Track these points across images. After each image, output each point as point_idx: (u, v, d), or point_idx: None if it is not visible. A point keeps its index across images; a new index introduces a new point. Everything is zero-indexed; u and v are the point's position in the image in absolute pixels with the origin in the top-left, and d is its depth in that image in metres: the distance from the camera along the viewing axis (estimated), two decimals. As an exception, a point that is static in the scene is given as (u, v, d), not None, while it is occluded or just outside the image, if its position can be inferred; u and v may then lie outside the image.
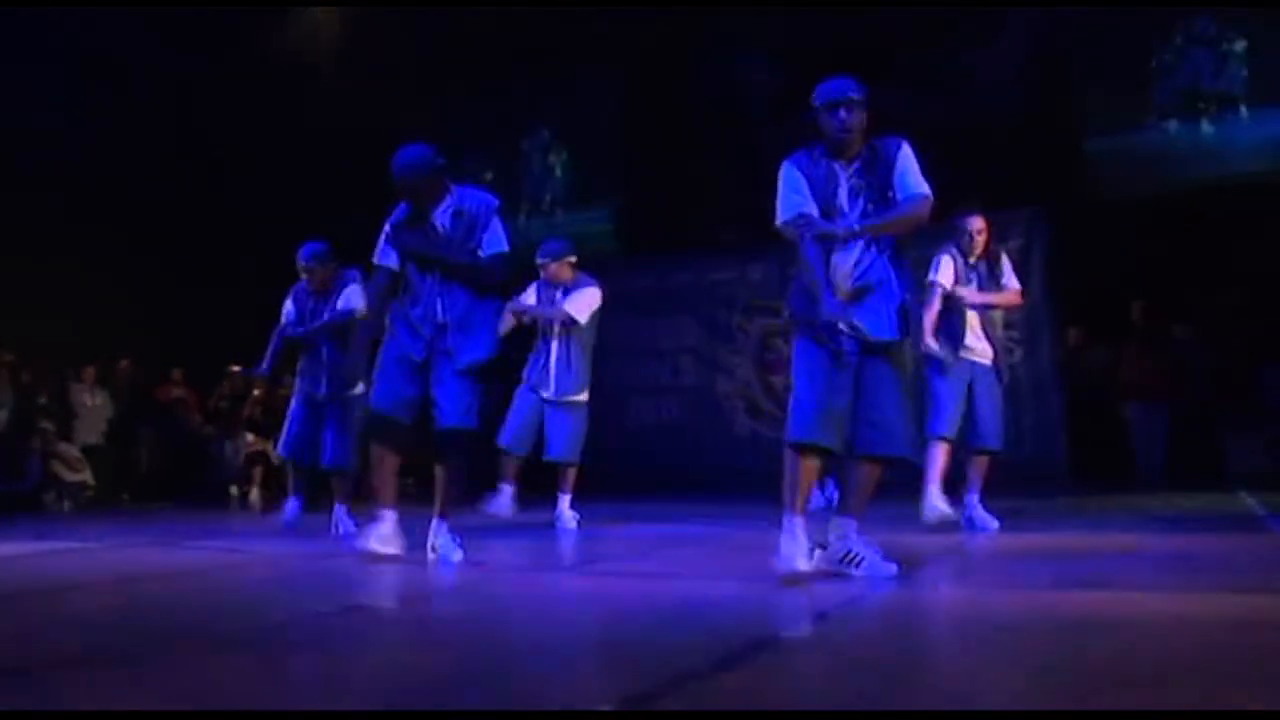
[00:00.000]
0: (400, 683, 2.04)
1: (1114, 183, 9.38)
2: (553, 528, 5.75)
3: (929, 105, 9.37)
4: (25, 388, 9.89)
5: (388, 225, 4.12)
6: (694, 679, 1.96)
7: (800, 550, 3.20)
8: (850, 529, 3.34)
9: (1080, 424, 8.87)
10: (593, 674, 2.16)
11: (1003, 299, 5.14)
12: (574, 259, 6.03)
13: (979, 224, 5.06)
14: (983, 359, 5.09)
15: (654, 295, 10.69)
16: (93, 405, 10.31)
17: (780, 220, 3.36)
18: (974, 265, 5.10)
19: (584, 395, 5.97)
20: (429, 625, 2.99)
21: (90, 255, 10.14)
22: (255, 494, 10.03)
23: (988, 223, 5.12)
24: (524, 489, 5.98)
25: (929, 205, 3.28)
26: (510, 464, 5.90)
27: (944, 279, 5.03)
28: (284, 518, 5.80)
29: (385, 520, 4.11)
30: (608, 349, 6.82)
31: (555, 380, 5.87)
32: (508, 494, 5.85)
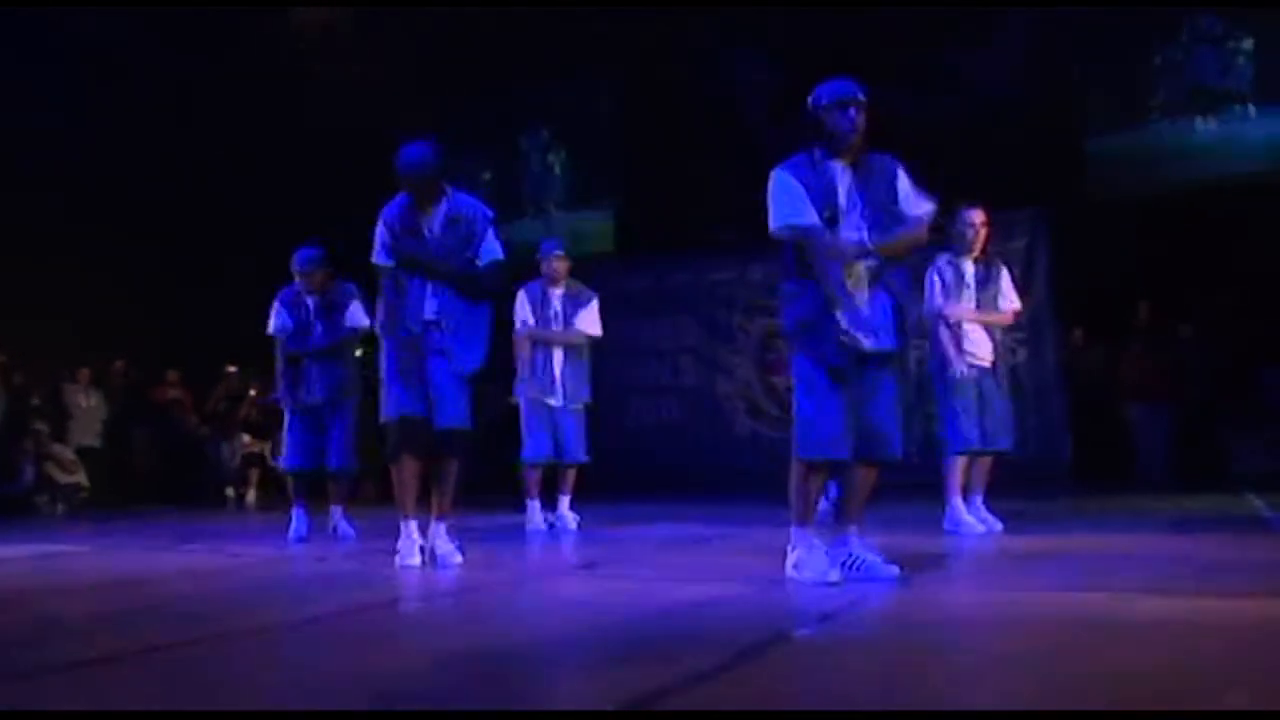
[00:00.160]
0: (401, 683, 2.03)
1: (1114, 183, 9.37)
2: (553, 529, 5.76)
3: (929, 105, 9.37)
4: (18, 389, 9.87)
5: (382, 223, 4.12)
6: (697, 680, 1.96)
7: (824, 560, 3.21)
8: (851, 532, 3.35)
9: (1082, 424, 8.86)
10: (596, 675, 2.16)
11: (998, 319, 5.13)
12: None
13: (979, 217, 5.05)
14: (983, 361, 5.08)
15: (654, 295, 10.70)
16: (87, 406, 10.29)
17: (780, 224, 3.27)
18: (973, 263, 5.09)
19: (589, 396, 6.06)
20: (430, 626, 2.98)
21: (89, 255, 10.14)
22: (252, 496, 10.02)
23: (988, 217, 5.11)
24: (513, 490, 5.99)
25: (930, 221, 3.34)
26: (536, 477, 5.93)
27: (943, 303, 5.02)
28: (295, 535, 5.43)
29: (410, 530, 4.08)
30: (608, 349, 6.82)
31: (567, 388, 5.90)
32: (537, 508, 5.88)
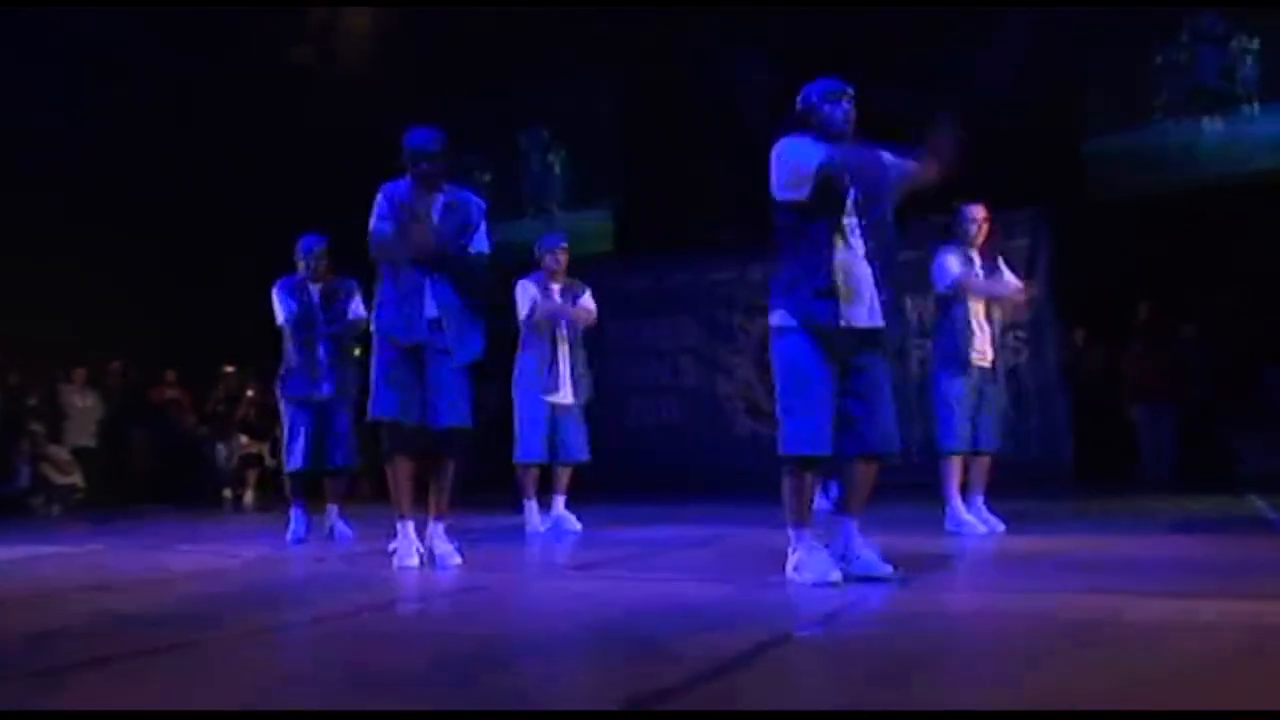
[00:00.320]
0: (402, 683, 2.02)
1: (1115, 183, 9.37)
2: (550, 530, 5.74)
3: (929, 105, 9.33)
4: (13, 389, 9.86)
5: (382, 193, 4.10)
6: (697, 680, 1.95)
7: (825, 561, 3.18)
8: (852, 530, 3.32)
9: (1083, 425, 8.85)
10: (596, 675, 2.16)
11: (1010, 294, 5.16)
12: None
13: (981, 212, 5.11)
14: (983, 361, 5.08)
15: (654, 295, 10.70)
16: (83, 406, 10.28)
17: (789, 177, 3.20)
18: (976, 258, 5.10)
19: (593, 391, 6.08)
20: (430, 627, 2.97)
21: (89, 255, 10.14)
22: (249, 496, 10.00)
23: (989, 214, 5.14)
24: (512, 490, 5.97)
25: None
26: (530, 478, 5.90)
27: (956, 270, 5.01)
28: (294, 535, 5.37)
29: (408, 531, 4.07)
30: (608, 349, 6.82)
31: (573, 385, 5.88)
32: (534, 508, 5.86)
